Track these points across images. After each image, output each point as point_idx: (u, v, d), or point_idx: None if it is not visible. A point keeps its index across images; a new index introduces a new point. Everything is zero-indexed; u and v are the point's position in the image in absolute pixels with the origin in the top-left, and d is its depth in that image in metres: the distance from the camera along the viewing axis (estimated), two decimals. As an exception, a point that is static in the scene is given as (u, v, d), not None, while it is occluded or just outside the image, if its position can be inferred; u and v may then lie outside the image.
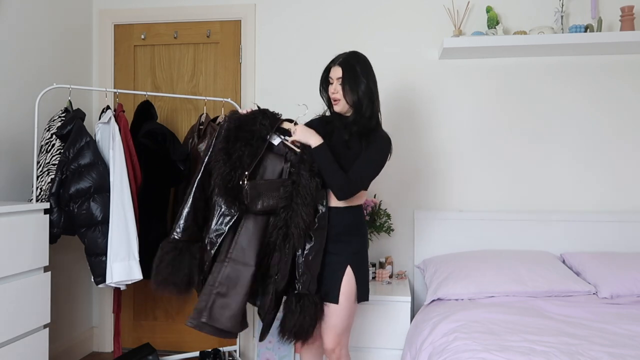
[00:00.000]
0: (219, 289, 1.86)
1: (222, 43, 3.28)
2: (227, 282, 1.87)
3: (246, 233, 1.91)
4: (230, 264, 1.89)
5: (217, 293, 1.86)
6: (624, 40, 2.71)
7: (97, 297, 3.35)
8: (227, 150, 1.91)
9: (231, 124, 1.97)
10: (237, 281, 1.87)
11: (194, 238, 1.98)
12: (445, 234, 3.01)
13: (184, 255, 1.94)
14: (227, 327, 1.86)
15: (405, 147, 3.10)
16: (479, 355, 1.73)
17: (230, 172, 1.88)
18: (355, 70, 2.07)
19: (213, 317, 1.85)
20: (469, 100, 3.07)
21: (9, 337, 2.08)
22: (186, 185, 2.88)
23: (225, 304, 1.85)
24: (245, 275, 1.88)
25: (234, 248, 1.90)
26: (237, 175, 1.88)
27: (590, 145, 2.99)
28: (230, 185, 1.88)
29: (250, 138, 1.94)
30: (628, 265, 2.58)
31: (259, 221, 1.93)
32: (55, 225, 2.41)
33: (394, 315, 2.63)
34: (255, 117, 1.99)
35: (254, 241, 1.91)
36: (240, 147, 1.91)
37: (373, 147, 2.06)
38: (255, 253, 1.90)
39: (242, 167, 1.89)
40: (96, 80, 3.35)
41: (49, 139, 2.51)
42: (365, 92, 2.07)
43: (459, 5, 3.01)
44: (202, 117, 2.90)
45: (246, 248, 1.90)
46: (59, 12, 3.03)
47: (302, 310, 1.92)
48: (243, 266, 1.89)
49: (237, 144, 1.92)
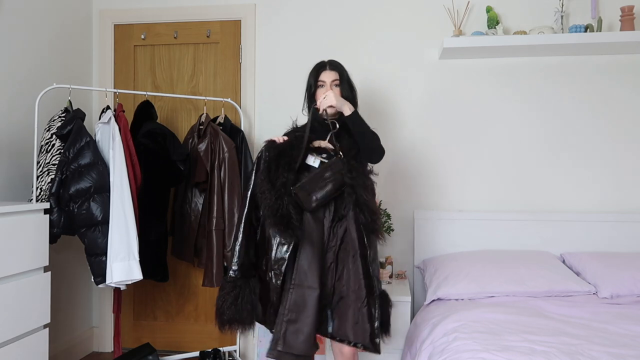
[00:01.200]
0: (289, 316, 1.90)
1: (222, 43, 3.28)
2: (295, 308, 1.90)
3: (305, 257, 1.93)
4: (296, 290, 1.91)
5: (287, 320, 1.90)
6: (624, 40, 2.71)
7: (97, 297, 3.35)
8: (270, 179, 1.93)
9: (271, 152, 1.99)
10: (305, 305, 1.90)
11: (250, 273, 2.03)
12: (445, 234, 3.01)
13: (244, 292, 2.00)
14: (302, 352, 1.89)
15: (405, 147, 3.10)
16: (479, 355, 1.73)
17: (277, 200, 1.90)
18: (344, 71, 2.19)
19: (288, 344, 1.89)
20: (469, 100, 3.07)
21: (9, 337, 2.08)
22: (186, 186, 2.89)
23: (297, 330, 1.89)
24: (311, 298, 1.90)
25: (296, 274, 1.92)
26: (285, 202, 1.89)
27: (590, 145, 2.99)
28: (279, 214, 1.89)
29: (291, 163, 1.96)
30: (628, 265, 2.58)
31: (315, 242, 1.95)
32: (55, 225, 2.41)
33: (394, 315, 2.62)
34: (292, 143, 2.02)
35: (314, 264, 1.93)
36: (283, 174, 1.93)
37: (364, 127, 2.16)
38: (317, 275, 1.92)
39: (287, 193, 1.90)
40: (96, 80, 3.35)
41: (49, 139, 2.51)
42: (354, 90, 2.22)
43: (459, 5, 3.01)
44: (202, 117, 2.90)
45: (307, 271, 1.92)
46: (58, 12, 3.03)
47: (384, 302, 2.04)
48: (308, 289, 1.91)
49: (278, 171, 1.94)
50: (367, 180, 2.01)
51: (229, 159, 2.79)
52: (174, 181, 2.87)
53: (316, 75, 2.17)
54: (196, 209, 2.86)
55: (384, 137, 3.04)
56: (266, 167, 1.96)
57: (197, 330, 3.28)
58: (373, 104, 3.11)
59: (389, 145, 3.09)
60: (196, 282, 3.26)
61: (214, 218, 2.77)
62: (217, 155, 2.80)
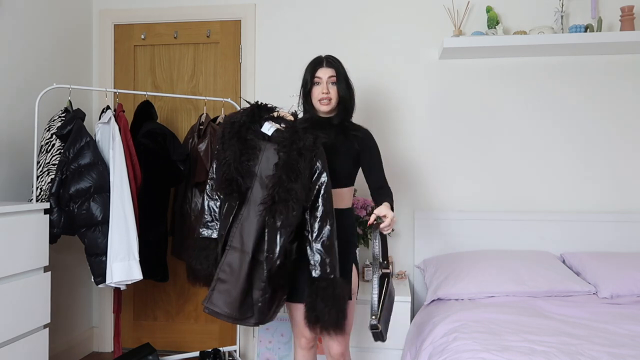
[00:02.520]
0: (220, 275, 1.92)
1: (222, 43, 3.28)
2: (227, 269, 1.92)
3: (246, 221, 1.94)
4: (230, 252, 1.93)
5: (218, 279, 1.92)
6: (624, 40, 2.71)
7: (97, 297, 3.35)
8: (223, 146, 1.97)
9: (226, 122, 2.02)
10: (236, 268, 1.90)
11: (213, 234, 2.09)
12: (445, 234, 3.01)
13: (203, 251, 2.06)
14: (225, 313, 1.89)
15: (405, 147, 3.10)
16: (479, 355, 1.73)
17: (223, 166, 1.94)
18: (341, 68, 2.14)
19: (212, 302, 1.91)
20: (469, 100, 3.07)
21: (9, 337, 2.08)
22: (186, 186, 2.89)
23: (225, 290, 1.90)
24: (243, 262, 1.90)
25: (233, 236, 1.94)
26: (232, 168, 1.92)
27: (590, 145, 2.99)
28: (224, 177, 1.93)
29: (244, 132, 1.97)
30: (628, 265, 2.58)
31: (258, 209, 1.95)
32: (55, 225, 2.41)
33: (394, 315, 2.62)
34: (252, 112, 2.02)
35: (252, 229, 1.92)
36: (234, 143, 1.95)
37: (374, 148, 2.17)
38: (253, 241, 1.91)
39: (235, 160, 1.93)
40: (96, 80, 3.35)
41: (49, 139, 2.51)
42: (351, 88, 2.17)
43: (459, 5, 3.01)
44: (202, 117, 2.90)
45: (245, 236, 1.92)
46: (59, 12, 3.03)
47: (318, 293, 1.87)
48: (241, 253, 1.91)
49: (232, 140, 1.96)
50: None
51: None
52: (174, 181, 2.87)
53: (312, 72, 2.12)
54: (196, 209, 2.86)
55: (384, 137, 3.07)
56: (220, 137, 2.01)
57: (197, 330, 3.28)
58: (373, 104, 3.11)
59: (390, 145, 3.09)
60: (196, 282, 3.26)
61: (214, 218, 2.76)
62: (217, 155, 2.80)
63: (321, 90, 2.09)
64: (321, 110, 2.12)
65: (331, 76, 2.10)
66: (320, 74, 2.11)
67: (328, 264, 1.89)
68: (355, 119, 2.21)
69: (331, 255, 1.91)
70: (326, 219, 1.92)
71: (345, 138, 2.11)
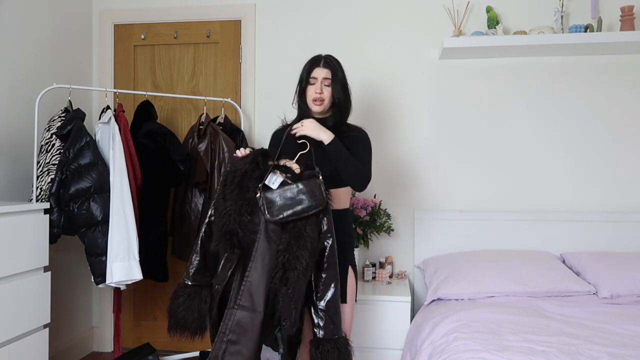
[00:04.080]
0: (230, 336, 1.84)
1: (222, 43, 3.28)
2: (237, 329, 1.84)
3: (254, 277, 1.87)
4: (240, 311, 1.85)
5: (228, 340, 1.84)
6: (624, 40, 2.71)
7: (97, 297, 3.35)
8: (224, 196, 1.87)
9: (229, 170, 1.93)
10: (248, 328, 1.84)
11: (203, 282, 1.97)
12: (445, 234, 3.01)
13: (194, 300, 1.93)
14: None
15: (406, 147, 3.10)
16: (479, 355, 1.73)
17: (223, 216, 1.84)
18: (339, 70, 2.10)
19: None
20: (469, 100, 3.07)
21: (9, 337, 2.08)
22: (186, 186, 2.89)
23: (237, 351, 1.83)
24: (255, 322, 1.85)
25: (242, 294, 1.86)
26: (232, 220, 1.83)
27: (590, 145, 2.99)
28: (224, 230, 1.83)
29: (246, 181, 1.88)
30: (628, 265, 2.58)
31: (266, 265, 1.88)
32: (55, 225, 2.41)
33: (394, 315, 2.63)
34: (255, 157, 1.92)
35: (262, 287, 1.86)
36: (235, 194, 1.86)
37: (362, 141, 2.11)
38: (264, 299, 1.86)
39: (237, 211, 1.84)
40: (96, 80, 3.35)
41: (49, 139, 2.52)
42: (347, 90, 2.12)
43: (459, 5, 3.01)
44: (202, 117, 2.90)
45: (254, 294, 1.86)
46: (58, 12, 3.03)
47: (323, 356, 1.88)
48: (252, 312, 1.85)
49: (234, 191, 1.86)
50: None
51: (229, 159, 2.79)
52: (174, 181, 2.87)
53: (309, 70, 2.09)
54: (196, 209, 2.86)
55: (383, 137, 3.07)
56: (221, 184, 1.90)
57: (197, 330, 3.28)
58: (372, 104, 3.11)
59: (389, 145, 3.09)
60: (196, 282, 3.26)
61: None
62: (217, 155, 2.80)
63: (314, 90, 2.07)
64: (314, 110, 2.09)
65: (326, 77, 2.06)
66: (315, 73, 2.08)
67: (332, 325, 1.89)
68: (354, 119, 2.20)
69: (336, 315, 1.90)
70: (331, 283, 1.91)
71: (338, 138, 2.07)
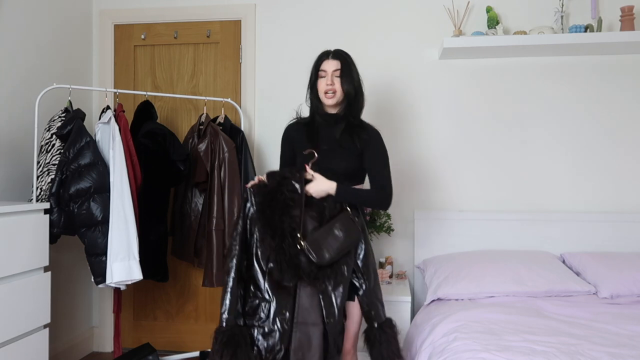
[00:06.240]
0: (296, 356, 1.84)
1: (222, 43, 3.28)
2: (300, 347, 1.85)
3: (305, 294, 1.88)
4: (299, 328, 1.86)
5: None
6: (624, 40, 2.71)
7: (97, 297, 3.35)
8: (269, 224, 1.85)
9: (260, 198, 1.89)
10: (310, 343, 1.86)
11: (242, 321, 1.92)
12: (445, 234, 3.01)
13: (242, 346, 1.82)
14: None
15: (405, 147, 3.10)
16: (479, 355, 1.73)
17: (281, 244, 1.82)
18: (349, 62, 2.10)
19: None
20: (468, 101, 3.07)
21: (9, 337, 2.08)
22: (186, 186, 2.89)
23: None
24: (316, 334, 1.87)
25: (297, 312, 1.87)
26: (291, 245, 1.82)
27: (590, 145, 2.99)
28: (287, 258, 1.82)
29: (284, 206, 1.86)
30: (628, 265, 2.58)
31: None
32: (55, 225, 2.41)
33: (394, 315, 2.61)
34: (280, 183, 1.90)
35: (315, 300, 1.89)
36: (280, 218, 1.84)
37: (377, 148, 2.11)
38: (319, 311, 1.89)
39: (292, 235, 1.83)
40: (96, 80, 3.35)
41: (49, 139, 2.52)
42: (359, 84, 2.11)
43: (459, 5, 3.01)
44: (202, 117, 2.90)
45: (309, 308, 1.88)
46: (59, 12, 3.03)
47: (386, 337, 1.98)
48: (312, 326, 1.87)
49: (274, 216, 1.84)
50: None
51: (229, 159, 2.79)
52: (174, 181, 2.87)
53: (318, 64, 2.10)
54: (196, 209, 2.86)
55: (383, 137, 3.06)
56: (260, 212, 1.87)
57: (197, 330, 3.28)
58: (373, 104, 3.11)
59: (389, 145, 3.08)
60: (196, 282, 3.26)
61: (214, 218, 2.77)
62: (217, 155, 2.80)
63: (325, 83, 2.07)
64: (326, 103, 2.09)
65: (336, 69, 2.06)
66: (325, 66, 2.08)
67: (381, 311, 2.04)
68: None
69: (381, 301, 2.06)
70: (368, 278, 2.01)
71: (349, 136, 2.08)
